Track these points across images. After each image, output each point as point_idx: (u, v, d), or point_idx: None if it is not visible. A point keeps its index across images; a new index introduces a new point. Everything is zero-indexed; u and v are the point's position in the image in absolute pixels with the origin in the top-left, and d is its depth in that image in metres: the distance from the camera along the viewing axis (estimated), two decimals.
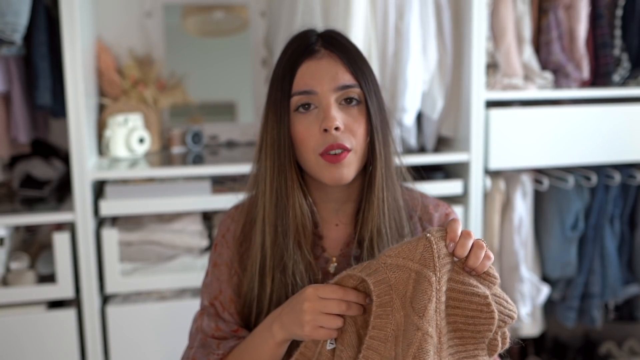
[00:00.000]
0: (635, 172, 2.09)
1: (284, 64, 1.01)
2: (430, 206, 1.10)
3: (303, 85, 0.98)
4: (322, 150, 0.96)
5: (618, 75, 2.07)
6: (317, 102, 0.98)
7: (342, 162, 0.96)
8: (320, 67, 0.98)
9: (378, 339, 0.84)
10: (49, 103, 1.77)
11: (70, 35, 1.62)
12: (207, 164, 1.86)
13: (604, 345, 2.48)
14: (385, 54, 1.86)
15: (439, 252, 0.83)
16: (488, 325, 0.83)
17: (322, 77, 0.97)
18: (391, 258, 0.85)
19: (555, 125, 1.97)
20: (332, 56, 0.99)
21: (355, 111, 0.98)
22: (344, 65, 0.98)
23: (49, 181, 1.95)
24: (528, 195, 2.05)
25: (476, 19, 1.85)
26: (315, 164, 0.98)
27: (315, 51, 0.99)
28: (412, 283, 0.83)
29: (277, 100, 1.00)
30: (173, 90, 2.09)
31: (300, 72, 0.98)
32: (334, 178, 0.97)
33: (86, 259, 1.70)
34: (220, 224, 1.14)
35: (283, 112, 0.98)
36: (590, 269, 2.10)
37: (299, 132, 0.98)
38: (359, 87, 0.98)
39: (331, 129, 0.95)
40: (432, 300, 0.82)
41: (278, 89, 1.00)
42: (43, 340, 1.68)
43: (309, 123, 0.97)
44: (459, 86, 1.95)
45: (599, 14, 2.05)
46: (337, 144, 0.96)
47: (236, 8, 2.22)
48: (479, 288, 0.83)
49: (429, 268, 0.82)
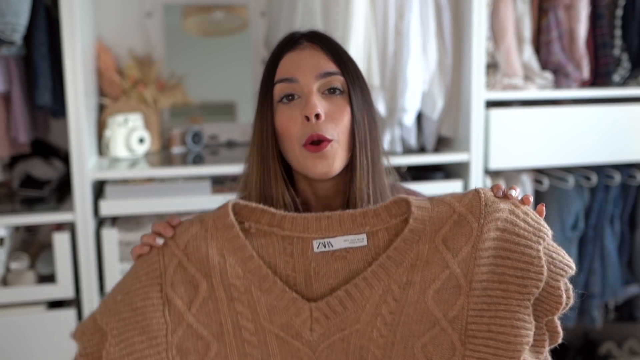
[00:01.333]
0: (635, 172, 2.09)
1: (268, 61, 1.02)
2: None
3: (284, 73, 0.97)
4: (304, 141, 0.95)
5: (618, 75, 2.07)
6: (300, 91, 0.97)
7: (324, 151, 0.95)
8: (303, 56, 0.98)
9: (393, 260, 0.84)
10: (49, 103, 1.77)
11: (70, 35, 1.62)
12: (207, 164, 1.86)
13: (604, 345, 2.48)
14: (385, 54, 1.86)
15: (487, 201, 0.84)
16: (536, 281, 0.81)
17: (304, 65, 0.97)
18: (439, 195, 0.87)
19: (555, 125, 1.97)
20: (314, 47, 0.99)
21: (339, 100, 0.97)
22: (327, 54, 0.98)
23: (49, 181, 1.95)
24: None
25: (476, 19, 1.85)
26: (299, 156, 0.96)
27: (298, 44, 1.00)
28: (452, 223, 0.84)
29: (260, 93, 1.00)
30: (173, 90, 2.09)
31: (283, 63, 0.99)
32: (319, 172, 0.96)
33: (86, 259, 1.70)
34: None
35: (266, 104, 0.98)
36: (590, 269, 2.10)
37: (282, 122, 0.97)
38: (342, 75, 0.97)
39: (312, 116, 0.94)
40: (468, 244, 0.83)
41: (262, 82, 1.01)
42: (43, 340, 1.68)
43: (292, 112, 0.96)
44: (459, 86, 1.95)
45: (599, 14, 2.05)
46: (317, 134, 0.94)
47: (236, 8, 2.22)
48: (531, 241, 0.83)
49: (474, 214, 0.83)
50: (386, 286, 0.83)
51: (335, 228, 0.86)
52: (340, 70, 0.97)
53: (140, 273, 0.84)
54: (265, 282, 0.84)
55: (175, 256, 0.84)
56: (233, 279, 0.84)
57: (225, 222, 0.84)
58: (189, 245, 0.84)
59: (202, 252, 0.84)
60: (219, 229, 0.85)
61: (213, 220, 0.85)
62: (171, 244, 0.85)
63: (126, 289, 0.84)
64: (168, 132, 2.12)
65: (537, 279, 0.81)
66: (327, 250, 0.86)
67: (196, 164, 1.84)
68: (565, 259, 0.84)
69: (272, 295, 0.84)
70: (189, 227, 0.86)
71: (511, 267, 0.82)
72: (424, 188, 1.11)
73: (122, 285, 0.85)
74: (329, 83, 0.97)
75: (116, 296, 0.84)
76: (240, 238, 0.84)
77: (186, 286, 0.84)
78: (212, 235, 0.84)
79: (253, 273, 0.84)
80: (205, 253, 0.84)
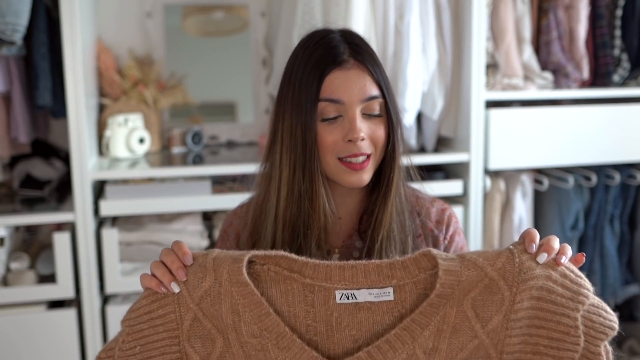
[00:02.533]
0: (635, 172, 2.09)
1: (309, 69, 1.00)
2: (427, 201, 1.12)
3: (331, 94, 0.99)
4: (344, 156, 0.99)
5: (618, 75, 2.07)
6: (344, 111, 0.99)
7: (364, 169, 1.00)
8: (350, 78, 0.99)
9: (419, 324, 0.80)
10: (49, 103, 1.77)
11: (71, 35, 1.62)
12: (207, 164, 1.86)
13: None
14: (385, 54, 1.86)
15: (521, 267, 0.79)
16: (572, 352, 0.78)
17: (351, 87, 0.99)
18: (471, 254, 0.82)
19: (555, 125, 1.97)
20: (360, 67, 1.00)
21: (377, 121, 1.01)
22: (371, 76, 1.00)
23: (49, 181, 1.95)
24: (528, 195, 2.06)
25: (476, 19, 1.85)
26: (333, 167, 1.01)
27: (344, 61, 1.00)
28: (482, 287, 0.80)
29: (302, 104, 0.99)
30: (173, 91, 2.09)
31: (329, 81, 0.99)
32: (352, 182, 1.01)
33: (86, 259, 1.70)
34: (224, 220, 1.16)
35: (309, 117, 0.99)
36: (590, 269, 2.10)
37: (322, 138, 1.00)
38: (383, 97, 1.01)
39: (357, 141, 0.98)
40: (499, 313, 0.79)
41: (303, 93, 1.00)
42: (43, 340, 1.68)
43: (333, 130, 0.99)
44: (459, 86, 1.95)
45: (599, 14, 2.05)
46: (360, 152, 0.99)
47: (236, 8, 2.22)
48: (569, 308, 0.79)
49: (507, 281, 0.79)
50: (410, 351, 0.80)
51: (360, 279, 0.82)
52: (381, 92, 1.00)
53: (157, 322, 0.82)
54: (283, 339, 0.81)
55: (191, 310, 0.82)
56: (249, 338, 0.82)
57: (239, 278, 0.82)
58: (203, 301, 0.82)
59: (217, 309, 0.82)
60: (233, 284, 0.82)
61: (228, 274, 0.82)
62: (186, 295, 0.82)
63: (143, 337, 0.82)
64: (168, 132, 2.12)
65: (574, 349, 0.78)
66: (350, 302, 0.82)
67: (196, 164, 1.84)
68: (608, 318, 0.80)
69: (290, 353, 0.81)
70: (202, 278, 0.82)
71: (546, 337, 0.79)
72: (424, 188, 1.12)
73: (138, 330, 0.83)
74: (371, 105, 1.00)
75: (133, 347, 0.82)
76: (255, 295, 0.81)
77: (203, 340, 0.83)
78: (227, 290, 0.82)
79: (270, 330, 0.81)
80: (220, 311, 0.82)
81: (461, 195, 1.96)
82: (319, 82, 0.99)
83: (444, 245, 1.08)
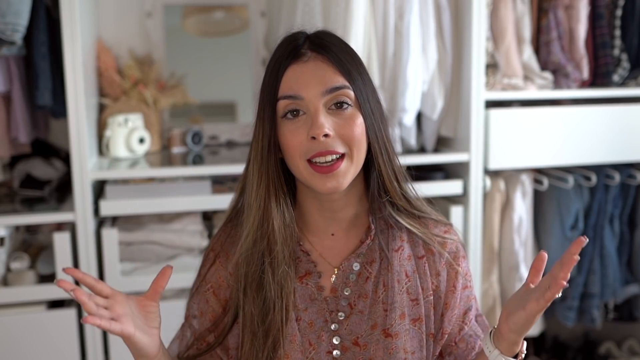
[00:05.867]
0: (634, 172, 2.09)
1: (270, 69, 0.96)
2: (430, 223, 1.04)
3: (288, 90, 0.93)
4: (310, 156, 0.92)
5: (617, 75, 2.07)
6: (305, 107, 0.92)
7: (335, 172, 0.92)
8: (306, 71, 0.93)
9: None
10: (49, 103, 1.77)
11: (71, 35, 1.62)
12: (207, 164, 1.86)
13: (604, 345, 2.48)
14: (385, 54, 1.87)
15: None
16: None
17: (308, 81, 0.92)
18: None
19: (555, 125, 1.97)
20: (319, 58, 0.94)
21: (347, 115, 0.93)
22: (333, 66, 0.93)
23: (49, 181, 1.95)
24: (528, 195, 2.06)
25: (476, 19, 1.85)
26: (304, 171, 0.93)
27: (301, 54, 0.94)
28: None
29: (263, 106, 0.96)
30: (173, 90, 2.09)
31: (286, 77, 0.93)
32: (327, 187, 0.92)
33: (86, 259, 1.70)
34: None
35: (269, 118, 0.94)
36: (590, 269, 2.10)
37: (286, 139, 0.93)
38: (351, 89, 0.93)
39: (319, 137, 0.90)
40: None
41: (264, 95, 0.96)
42: (43, 340, 1.68)
43: (296, 129, 0.92)
44: (458, 86, 1.95)
45: (599, 14, 2.05)
46: (327, 150, 0.91)
47: (236, 8, 2.22)
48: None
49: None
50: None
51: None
52: (347, 82, 0.93)
53: None
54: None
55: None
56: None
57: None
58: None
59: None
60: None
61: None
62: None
63: None
64: (168, 132, 2.12)
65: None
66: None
67: (196, 164, 1.84)
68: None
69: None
70: None
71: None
72: (424, 188, 1.10)
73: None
74: (336, 98, 0.93)
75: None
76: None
77: None
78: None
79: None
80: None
81: (461, 195, 1.96)
82: (276, 81, 0.94)
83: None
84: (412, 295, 0.99)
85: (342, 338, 0.98)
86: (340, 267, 1.00)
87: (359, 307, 0.98)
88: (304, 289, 0.99)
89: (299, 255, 1.01)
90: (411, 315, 0.99)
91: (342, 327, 0.98)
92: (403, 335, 0.97)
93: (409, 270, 1.00)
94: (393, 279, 0.98)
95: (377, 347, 0.96)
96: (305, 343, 0.97)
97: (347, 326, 0.98)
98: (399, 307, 0.98)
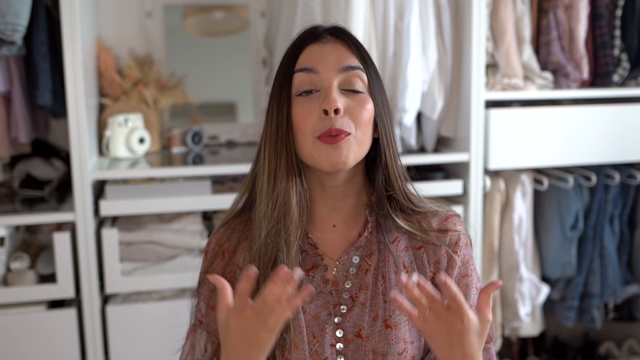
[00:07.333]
0: (634, 172, 2.10)
1: (289, 50, 0.99)
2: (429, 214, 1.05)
3: (305, 63, 0.95)
4: (320, 133, 0.93)
5: (617, 75, 2.07)
6: (319, 84, 0.95)
7: (340, 143, 0.92)
8: (325, 50, 0.96)
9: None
10: (49, 103, 1.77)
11: (71, 35, 1.62)
12: (207, 164, 1.86)
13: (604, 345, 2.48)
14: (385, 54, 1.87)
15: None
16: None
17: (326, 58, 0.95)
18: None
19: (555, 125, 1.98)
20: (337, 41, 0.97)
21: (359, 98, 0.95)
22: (350, 49, 0.97)
23: (49, 181, 1.95)
24: (528, 195, 2.06)
25: (476, 19, 1.85)
26: (312, 148, 0.94)
27: (321, 37, 0.98)
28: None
29: (279, 81, 0.97)
30: (173, 91, 2.09)
31: (304, 54, 0.96)
32: (332, 162, 0.93)
33: (86, 259, 1.70)
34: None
35: (283, 93, 0.96)
36: (590, 269, 2.10)
37: (298, 115, 0.94)
38: (364, 71, 0.96)
39: (331, 110, 0.92)
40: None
41: (280, 71, 0.98)
42: (43, 340, 1.69)
43: (310, 105, 0.94)
44: (458, 86, 1.95)
45: (599, 14, 2.05)
46: (336, 129, 0.92)
47: (236, 8, 2.22)
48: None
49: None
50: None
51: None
52: (362, 66, 0.96)
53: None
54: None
55: None
56: None
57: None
58: None
59: None
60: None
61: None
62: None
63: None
64: (168, 132, 2.13)
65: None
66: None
67: (196, 164, 1.84)
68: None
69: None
70: None
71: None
72: (424, 188, 1.10)
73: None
74: (350, 78, 0.95)
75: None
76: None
77: None
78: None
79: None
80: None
81: (461, 195, 1.96)
82: (294, 57, 0.96)
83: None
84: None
85: (345, 331, 0.99)
86: (340, 260, 1.01)
87: (361, 299, 0.99)
88: (310, 281, 1.01)
89: (305, 249, 1.02)
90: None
91: (345, 319, 0.99)
92: (402, 326, 0.99)
93: (406, 261, 1.01)
94: (390, 270, 1.00)
95: (378, 339, 0.98)
96: (309, 335, 0.98)
97: (349, 319, 0.99)
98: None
